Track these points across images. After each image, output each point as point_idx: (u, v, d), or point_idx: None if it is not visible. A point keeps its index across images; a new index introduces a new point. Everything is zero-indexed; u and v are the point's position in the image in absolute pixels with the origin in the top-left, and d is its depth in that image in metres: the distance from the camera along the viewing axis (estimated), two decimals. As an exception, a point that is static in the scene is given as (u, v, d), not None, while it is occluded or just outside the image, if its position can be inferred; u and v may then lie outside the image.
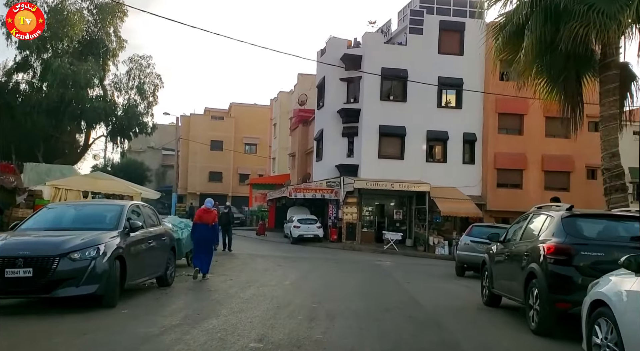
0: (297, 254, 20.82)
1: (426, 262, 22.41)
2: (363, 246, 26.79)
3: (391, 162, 28.12)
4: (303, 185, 28.74)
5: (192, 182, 52.81)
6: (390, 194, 28.65)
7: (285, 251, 22.21)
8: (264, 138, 52.43)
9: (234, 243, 21.15)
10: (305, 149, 35.73)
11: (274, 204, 34.43)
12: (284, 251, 22.14)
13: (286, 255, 20.06)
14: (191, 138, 51.45)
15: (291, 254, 20.54)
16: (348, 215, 27.87)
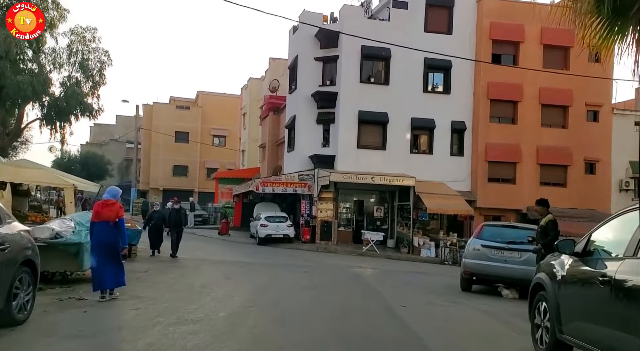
0: (259, 259, 17.45)
1: (413, 266, 19.31)
2: (339, 247, 23.58)
3: (372, 153, 24.97)
4: (272, 178, 25.40)
5: (155, 176, 48.83)
6: (370, 189, 25.51)
7: (247, 255, 18.82)
8: (233, 130, 48.80)
9: (188, 244, 17.74)
10: (276, 140, 32.35)
11: (241, 200, 30.97)
12: (245, 255, 18.75)
13: (246, 260, 16.68)
14: (154, 129, 47.50)
15: (252, 259, 17.16)
16: (323, 212, 24.63)
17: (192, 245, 20.13)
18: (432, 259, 22.82)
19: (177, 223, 16.34)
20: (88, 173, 56.12)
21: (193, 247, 19.41)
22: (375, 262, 19.77)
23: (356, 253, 22.75)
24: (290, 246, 23.47)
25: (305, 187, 25.04)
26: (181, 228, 16.53)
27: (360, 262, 19.38)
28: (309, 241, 24.28)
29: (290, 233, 23.75)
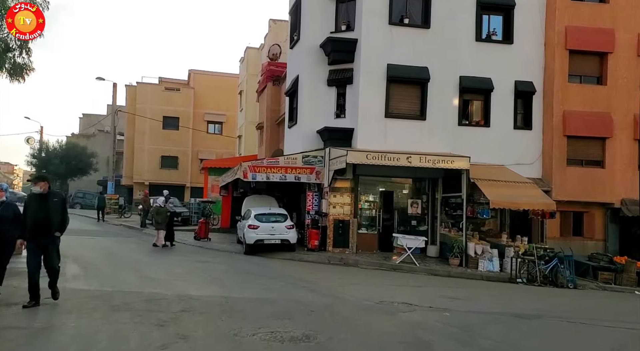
0: (231, 287, 10.15)
1: (489, 291, 12.16)
2: (361, 257, 16.44)
3: (405, 125, 17.77)
4: (266, 161, 18.34)
5: (140, 169, 42.00)
6: (403, 175, 18.34)
7: (215, 277, 11.44)
8: (231, 116, 41.85)
9: (133, 256, 10.86)
10: (276, 117, 25.27)
11: (230, 194, 23.95)
12: (215, 277, 11.43)
13: (202, 292, 9.18)
14: (138, 113, 40.69)
15: (219, 289, 9.68)
16: (337, 208, 17.53)
17: (138, 259, 13.16)
18: (496, 275, 15.66)
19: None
20: (69, 167, 49.93)
21: (135, 261, 12.41)
22: (424, 285, 12.62)
23: (386, 267, 15.64)
24: (290, 256, 16.36)
25: (312, 173, 17.94)
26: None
27: (400, 286, 12.20)
28: (317, 248, 17.19)
29: (291, 238, 16.66)
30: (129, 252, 15.52)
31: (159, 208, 17.37)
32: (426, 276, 14.82)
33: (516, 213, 18.46)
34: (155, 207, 17.54)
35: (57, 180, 51.64)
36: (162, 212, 17.22)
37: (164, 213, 17.22)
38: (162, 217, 17.07)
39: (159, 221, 17.04)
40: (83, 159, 50.27)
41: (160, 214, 17.11)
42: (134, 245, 17.77)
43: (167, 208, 17.66)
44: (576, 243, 18.33)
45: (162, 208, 17.36)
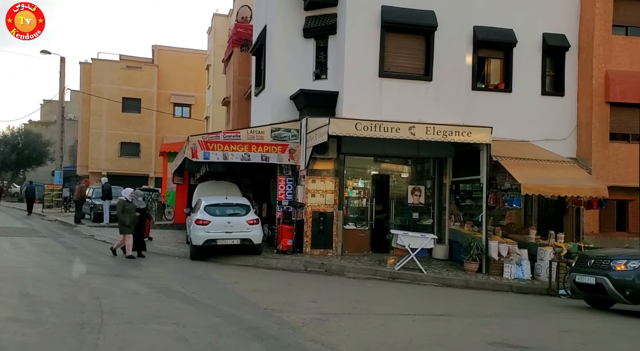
0: (122, 324, 5.67)
1: (550, 317, 8.01)
2: (348, 262, 12.26)
3: (406, 87, 13.57)
4: (223, 134, 13.97)
5: (96, 157, 37.19)
6: (401, 154, 14.14)
7: (111, 307, 6.84)
8: (200, 97, 37.21)
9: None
10: (245, 90, 20.87)
11: (186, 181, 19.51)
12: (107, 306, 6.86)
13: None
14: (94, 93, 35.87)
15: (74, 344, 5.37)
16: (316, 197, 13.36)
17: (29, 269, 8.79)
18: (528, 285, 11.69)
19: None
20: (21, 156, 44.94)
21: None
22: (447, 310, 8.40)
23: (382, 275, 11.56)
24: (254, 262, 12.11)
25: (284, 152, 13.68)
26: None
27: (413, 316, 7.92)
28: (291, 250, 12.95)
29: (254, 237, 12.34)
30: (50, 257, 11.10)
31: (125, 203, 12.24)
32: (438, 290, 10.72)
33: (545, 203, 14.49)
34: (119, 203, 12.31)
35: (8, 170, 46.69)
36: (130, 209, 12.22)
37: (132, 210, 12.23)
38: (130, 216, 12.09)
39: (125, 222, 12.00)
40: (37, 148, 45.34)
41: (127, 212, 12.09)
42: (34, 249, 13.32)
43: (135, 204, 12.55)
44: (619, 242, 14.35)
45: (130, 204, 12.31)
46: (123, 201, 12.29)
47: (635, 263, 8.96)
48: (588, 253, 10.69)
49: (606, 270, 9.10)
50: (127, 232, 12.12)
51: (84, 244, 13.89)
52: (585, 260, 9.79)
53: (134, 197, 12.67)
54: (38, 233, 15.98)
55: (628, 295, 8.76)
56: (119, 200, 12.58)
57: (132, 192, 12.71)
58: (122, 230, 12.16)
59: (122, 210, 12.12)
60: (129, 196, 12.43)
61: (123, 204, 12.21)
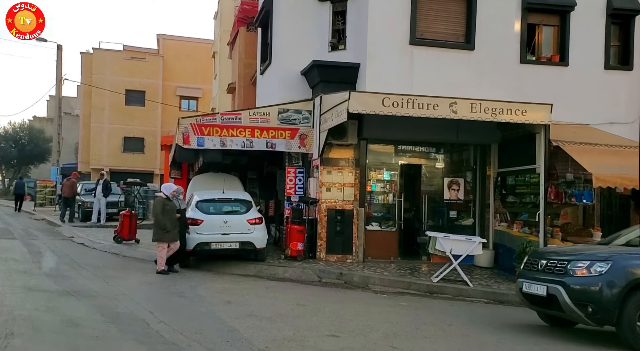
0: None
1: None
2: (373, 271, 9.86)
3: (443, 57, 11.17)
4: (221, 117, 11.62)
5: (98, 153, 35.18)
6: (436, 138, 11.65)
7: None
8: (208, 89, 35.03)
9: None
10: (251, 74, 18.54)
11: (184, 175, 17.24)
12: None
13: None
14: (95, 84, 33.83)
15: None
16: (333, 192, 11.01)
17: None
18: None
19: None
20: (22, 152, 43.22)
21: None
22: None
23: (416, 289, 9.17)
24: (255, 271, 9.77)
25: (293, 138, 11.35)
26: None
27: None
28: (302, 256, 10.59)
29: (256, 239, 9.98)
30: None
31: (166, 202, 9.47)
32: (493, 309, 8.26)
33: (608, 199, 11.96)
34: (158, 201, 9.60)
35: (9, 167, 45.05)
36: (171, 210, 9.43)
37: (172, 212, 9.43)
38: (170, 219, 9.36)
39: (166, 226, 9.26)
40: (40, 144, 43.57)
41: (167, 214, 9.35)
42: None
43: (175, 204, 9.68)
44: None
45: (170, 203, 9.53)
46: (163, 199, 9.50)
47: (601, 266, 6.02)
48: (542, 249, 8.04)
49: (562, 275, 6.27)
50: (167, 238, 9.31)
51: (55, 248, 11.65)
52: (536, 261, 6.87)
53: (176, 194, 9.78)
54: (9, 234, 13.81)
55: (590, 313, 5.97)
56: (156, 198, 9.93)
57: (175, 189, 9.78)
58: (159, 237, 9.32)
59: (162, 210, 9.31)
60: (170, 193, 9.59)
61: (163, 203, 9.39)
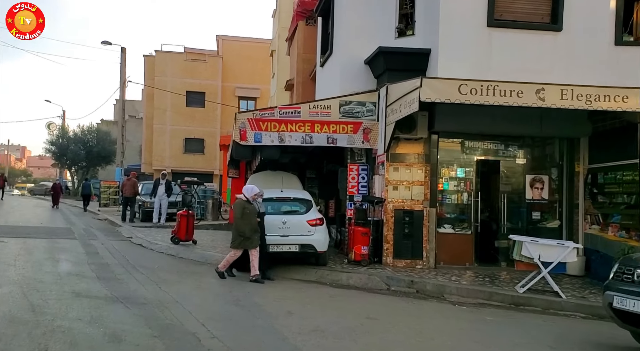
0: None
1: None
2: (448, 279, 8.79)
3: (526, 40, 9.96)
4: (278, 110, 10.93)
5: (160, 154, 35.73)
6: (518, 130, 10.42)
7: None
8: (266, 90, 34.83)
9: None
10: (310, 69, 17.85)
11: (242, 174, 16.76)
12: None
13: None
14: (157, 86, 34.37)
15: None
16: (400, 191, 10.06)
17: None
18: None
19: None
20: (90, 154, 44.74)
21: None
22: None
23: (498, 301, 8.06)
24: (317, 276, 8.99)
25: (356, 133, 10.49)
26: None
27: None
28: (367, 260, 9.71)
29: (317, 242, 9.19)
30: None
31: (246, 205, 8.61)
32: (594, 326, 7.03)
33: None
34: (238, 204, 8.68)
35: (79, 168, 46.78)
36: (251, 213, 8.59)
37: (252, 216, 8.59)
38: (250, 223, 8.51)
39: (245, 231, 8.44)
40: (106, 146, 44.97)
41: (247, 218, 8.51)
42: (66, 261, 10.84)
43: (255, 207, 8.77)
44: None
45: (251, 206, 8.66)
46: (243, 202, 8.61)
47: None
48: (638, 256, 6.45)
49: None
50: (245, 245, 8.49)
51: (112, 249, 11.34)
52: (631, 270, 5.60)
53: (257, 197, 8.82)
54: (69, 234, 13.72)
55: None
56: (236, 200, 8.91)
57: (257, 192, 8.76)
58: (238, 243, 8.49)
59: (242, 214, 8.47)
60: (250, 196, 8.68)
61: (243, 206, 8.53)
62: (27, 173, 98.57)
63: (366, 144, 10.57)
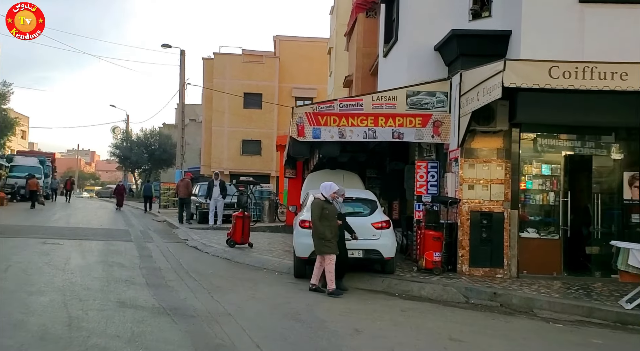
0: None
1: None
2: (536, 291, 7.60)
3: (622, 16, 8.61)
4: (339, 103, 10.09)
5: (218, 156, 35.83)
6: (612, 120, 9.05)
7: None
8: (323, 89, 34.16)
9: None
10: (370, 64, 16.97)
11: (299, 174, 16.03)
12: None
13: None
14: (215, 88, 34.44)
15: None
16: (476, 190, 8.96)
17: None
18: None
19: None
20: (152, 157, 45.75)
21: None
22: None
23: (600, 317, 6.83)
24: (383, 286, 8.05)
25: (425, 126, 9.49)
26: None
27: None
28: (439, 267, 8.67)
29: (384, 247, 8.26)
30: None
31: (325, 205, 7.52)
32: None
33: None
34: (316, 204, 7.56)
35: (142, 171, 47.97)
36: (331, 214, 7.49)
37: (332, 217, 7.49)
38: (330, 225, 7.41)
39: (325, 234, 7.34)
40: (167, 149, 45.83)
41: (326, 219, 7.42)
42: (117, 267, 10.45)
43: (335, 207, 7.70)
44: None
45: (330, 206, 7.57)
46: (321, 202, 7.50)
47: None
48: None
49: None
50: (327, 249, 7.36)
51: (167, 252, 10.88)
52: None
53: (336, 196, 7.68)
54: (126, 236, 13.46)
55: None
56: (313, 200, 7.73)
57: (336, 190, 7.60)
58: (320, 248, 7.40)
59: (320, 215, 7.37)
60: (329, 195, 7.54)
61: (321, 207, 7.43)
62: (95, 176, 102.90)
63: (436, 138, 9.54)
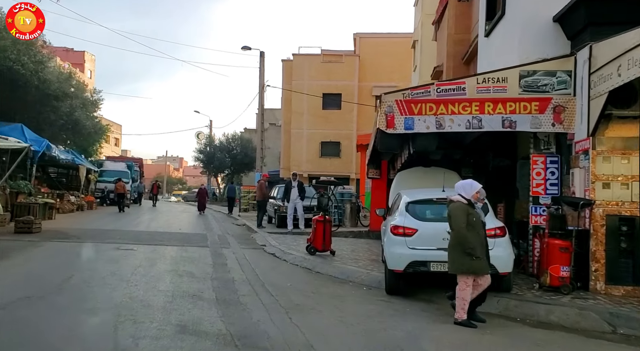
0: None
1: None
2: None
3: None
4: (435, 87, 8.64)
5: (297, 158, 35.10)
6: None
7: None
8: (405, 86, 32.46)
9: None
10: (463, 52, 15.35)
11: (384, 174, 14.61)
12: None
13: None
14: (294, 89, 33.81)
15: None
16: (614, 189, 7.13)
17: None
18: None
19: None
20: (234, 161, 46.22)
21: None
22: None
23: None
24: (502, 307, 6.49)
25: (543, 112, 7.79)
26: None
27: None
28: (567, 285, 6.94)
29: (500, 260, 6.59)
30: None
31: (469, 210, 5.87)
32: None
33: None
34: (456, 207, 5.88)
35: (225, 175, 48.67)
36: (476, 221, 5.88)
37: (477, 225, 5.86)
38: (477, 234, 5.81)
39: (474, 248, 5.75)
40: (248, 153, 46.11)
41: (472, 227, 5.79)
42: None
43: (479, 212, 6.05)
44: None
45: (474, 211, 5.93)
46: (464, 205, 5.87)
47: None
48: None
49: None
50: (475, 268, 5.76)
51: (242, 260, 9.93)
52: None
53: (479, 197, 6.00)
54: (203, 241, 12.73)
55: None
56: (453, 203, 5.97)
57: (478, 190, 5.95)
58: (465, 265, 5.77)
59: (467, 222, 5.78)
60: (471, 196, 5.94)
61: (467, 211, 5.83)
62: (182, 181, 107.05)
63: (558, 127, 7.81)
